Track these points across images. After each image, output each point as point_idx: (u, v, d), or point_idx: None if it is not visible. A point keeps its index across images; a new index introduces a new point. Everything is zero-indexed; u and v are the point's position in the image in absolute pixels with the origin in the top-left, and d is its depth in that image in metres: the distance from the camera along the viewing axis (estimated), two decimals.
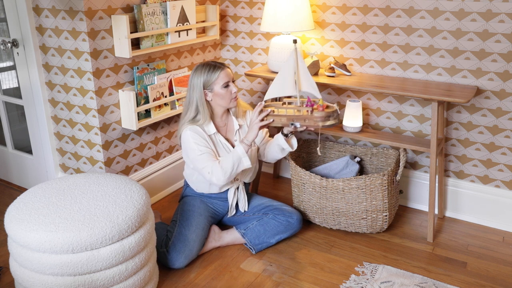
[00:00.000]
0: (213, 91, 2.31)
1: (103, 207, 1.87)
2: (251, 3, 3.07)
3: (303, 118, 2.23)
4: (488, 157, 2.63)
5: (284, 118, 2.24)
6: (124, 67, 2.57)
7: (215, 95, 2.32)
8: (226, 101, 2.34)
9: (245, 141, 2.27)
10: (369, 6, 2.68)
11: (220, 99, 2.33)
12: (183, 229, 2.31)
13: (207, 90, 2.32)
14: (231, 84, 2.33)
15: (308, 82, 2.25)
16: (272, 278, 2.23)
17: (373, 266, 2.31)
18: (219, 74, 2.29)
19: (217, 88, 2.30)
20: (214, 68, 2.30)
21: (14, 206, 1.90)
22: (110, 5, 2.41)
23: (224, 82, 2.30)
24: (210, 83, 2.30)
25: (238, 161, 2.25)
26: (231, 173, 2.26)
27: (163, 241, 2.30)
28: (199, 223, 2.36)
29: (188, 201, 2.47)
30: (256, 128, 2.25)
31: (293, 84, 2.25)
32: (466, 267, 2.33)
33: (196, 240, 2.30)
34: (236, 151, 2.26)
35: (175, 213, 2.46)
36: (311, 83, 2.24)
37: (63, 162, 2.79)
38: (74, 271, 1.74)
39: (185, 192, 2.56)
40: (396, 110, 2.79)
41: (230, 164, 2.24)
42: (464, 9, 2.45)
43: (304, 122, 2.23)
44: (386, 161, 2.78)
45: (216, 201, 2.51)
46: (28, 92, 2.70)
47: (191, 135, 2.29)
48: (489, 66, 2.48)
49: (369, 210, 2.47)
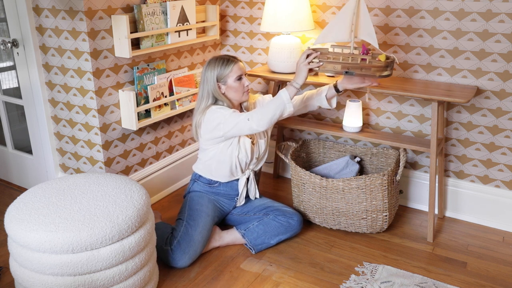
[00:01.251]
0: (227, 84, 2.34)
1: (103, 207, 1.87)
2: (251, 3, 3.07)
3: (360, 67, 2.08)
4: (488, 157, 2.63)
5: (338, 65, 2.10)
6: (124, 67, 2.57)
7: (228, 88, 2.34)
8: (239, 94, 2.36)
9: (293, 84, 2.24)
10: (369, 6, 2.68)
11: (233, 92, 2.35)
12: (189, 229, 2.30)
13: (220, 83, 2.34)
14: (243, 77, 2.36)
15: (366, 29, 2.10)
16: (272, 278, 2.23)
17: (373, 266, 2.31)
18: (232, 67, 2.32)
19: (231, 81, 2.33)
20: (228, 62, 2.33)
21: (14, 206, 1.90)
22: (110, 5, 2.42)
23: (238, 75, 2.33)
24: (224, 76, 2.32)
25: (282, 106, 2.22)
26: (272, 118, 2.22)
27: (167, 239, 2.29)
28: (206, 224, 2.35)
29: (195, 199, 2.45)
30: (304, 70, 2.20)
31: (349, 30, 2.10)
32: (466, 267, 2.33)
33: (201, 241, 2.30)
34: (280, 95, 2.22)
35: (181, 210, 2.44)
36: (370, 31, 2.10)
37: (63, 162, 2.79)
38: (74, 271, 1.74)
39: (192, 187, 2.54)
40: (396, 110, 2.79)
41: (272, 108, 2.22)
42: (464, 9, 2.45)
43: (361, 71, 2.10)
44: (386, 161, 2.78)
45: (223, 199, 2.51)
46: (28, 92, 2.70)
47: (216, 107, 2.30)
48: (489, 66, 2.48)
49: (369, 210, 2.47)
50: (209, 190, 2.50)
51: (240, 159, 2.40)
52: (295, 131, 3.21)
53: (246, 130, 2.26)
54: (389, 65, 2.13)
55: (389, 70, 2.13)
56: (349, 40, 2.16)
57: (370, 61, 2.15)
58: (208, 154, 2.42)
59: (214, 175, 2.47)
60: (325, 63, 2.16)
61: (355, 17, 2.09)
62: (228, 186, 2.49)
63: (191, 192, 2.54)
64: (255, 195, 2.56)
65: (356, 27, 2.11)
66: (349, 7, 2.11)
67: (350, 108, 2.67)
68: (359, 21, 2.11)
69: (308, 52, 2.21)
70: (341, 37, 2.14)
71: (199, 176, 2.52)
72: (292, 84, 2.25)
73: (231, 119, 2.26)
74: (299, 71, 2.24)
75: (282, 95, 2.23)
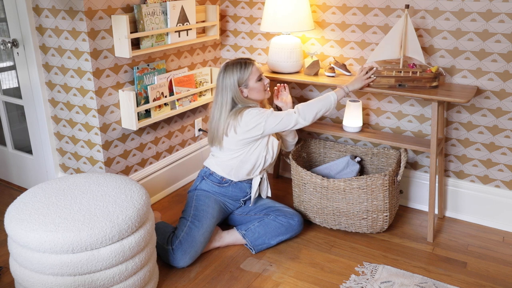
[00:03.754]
0: (248, 87, 2.36)
1: (103, 207, 1.86)
2: (251, 3, 3.07)
3: (412, 79, 2.40)
4: (488, 157, 2.63)
5: (392, 79, 2.41)
6: (124, 67, 2.57)
7: (251, 90, 2.36)
8: (262, 93, 2.41)
9: (344, 88, 2.41)
10: (369, 6, 2.68)
11: (255, 93, 2.38)
12: (193, 229, 2.29)
13: (242, 87, 2.35)
14: (263, 77, 2.42)
15: (414, 47, 2.39)
16: (272, 278, 2.23)
17: (373, 266, 2.31)
18: (251, 70, 2.36)
19: (252, 83, 2.35)
20: (246, 65, 2.35)
21: (14, 206, 1.90)
22: (110, 5, 2.41)
23: (258, 76, 2.37)
24: (245, 80, 2.34)
25: (328, 105, 2.37)
26: (317, 113, 2.35)
27: (169, 238, 2.29)
28: (210, 225, 2.34)
29: (202, 199, 2.43)
30: (361, 81, 2.42)
31: (399, 48, 2.41)
32: (466, 267, 2.33)
33: (203, 242, 2.30)
34: (329, 95, 2.37)
35: (186, 209, 2.43)
36: (417, 49, 2.39)
37: (63, 162, 2.79)
38: (74, 271, 1.74)
39: (200, 185, 2.50)
40: (396, 110, 2.79)
41: (320, 105, 2.35)
42: (464, 9, 2.45)
43: (412, 83, 2.41)
44: (387, 161, 2.78)
45: (229, 200, 2.51)
46: (28, 92, 2.70)
47: (253, 109, 2.33)
48: (489, 66, 2.48)
49: (369, 210, 2.47)
50: (216, 191, 2.48)
51: (266, 159, 2.45)
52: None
53: (292, 124, 2.34)
54: (437, 76, 2.41)
55: (437, 81, 2.42)
56: (399, 57, 2.44)
57: (421, 73, 2.41)
58: (233, 154, 2.41)
59: (231, 174, 2.45)
60: (379, 78, 2.44)
61: (403, 36, 2.39)
62: (237, 187, 2.49)
63: (198, 190, 2.50)
64: (267, 193, 2.59)
65: (404, 45, 2.40)
66: (398, 27, 2.41)
67: (350, 108, 2.67)
68: (407, 40, 2.40)
69: (367, 69, 2.45)
70: (392, 55, 2.43)
71: (209, 174, 2.49)
72: (343, 88, 2.41)
73: (273, 116, 2.32)
74: (356, 81, 2.43)
75: (330, 95, 2.38)
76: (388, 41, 2.43)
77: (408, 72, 2.41)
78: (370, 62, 2.55)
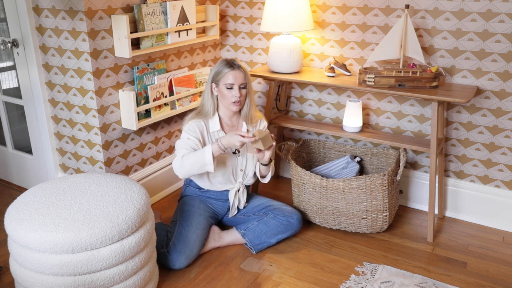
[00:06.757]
0: (218, 87, 2.34)
1: (103, 207, 1.86)
2: (251, 3, 3.07)
3: (412, 79, 2.40)
4: (488, 157, 2.63)
5: (392, 79, 2.40)
6: (124, 67, 2.57)
7: (219, 91, 2.34)
8: (227, 102, 2.33)
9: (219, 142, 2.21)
10: (369, 6, 2.68)
11: (222, 98, 2.35)
12: (183, 230, 2.31)
13: (214, 83, 2.34)
14: (235, 88, 2.29)
15: (414, 47, 2.39)
16: (272, 278, 2.23)
17: (373, 266, 2.31)
18: (226, 73, 2.29)
19: (221, 85, 2.32)
20: (226, 65, 2.31)
21: (14, 206, 1.90)
22: (110, 5, 2.41)
23: (228, 83, 2.29)
24: (218, 78, 2.32)
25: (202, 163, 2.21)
26: (189, 171, 2.24)
27: (163, 242, 2.30)
28: (199, 223, 2.35)
29: (187, 201, 2.47)
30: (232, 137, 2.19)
31: (399, 48, 2.41)
32: (466, 267, 2.33)
33: (197, 241, 2.30)
34: (204, 154, 2.20)
35: (174, 213, 2.46)
36: (417, 49, 2.38)
37: (63, 162, 2.79)
38: (74, 271, 1.74)
39: (185, 192, 2.56)
40: (396, 110, 2.79)
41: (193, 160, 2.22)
42: (464, 9, 2.45)
43: (412, 83, 2.41)
44: (386, 161, 2.78)
45: (216, 201, 2.50)
46: (28, 92, 2.70)
47: (189, 125, 2.34)
48: (489, 66, 2.48)
49: (369, 210, 2.47)
50: (201, 194, 2.50)
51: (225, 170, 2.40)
52: (295, 131, 3.21)
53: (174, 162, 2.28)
54: (437, 76, 2.41)
55: (436, 81, 2.42)
56: (399, 57, 2.44)
57: (421, 73, 2.41)
58: None
59: (201, 183, 2.46)
60: (379, 78, 2.42)
61: (403, 36, 2.39)
62: (218, 193, 2.49)
63: (184, 196, 2.56)
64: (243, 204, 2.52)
65: (404, 45, 2.40)
66: (398, 27, 2.41)
67: (350, 108, 2.67)
68: (407, 40, 2.41)
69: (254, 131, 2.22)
70: (392, 55, 2.43)
71: (190, 181, 2.52)
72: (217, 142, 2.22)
73: (177, 145, 2.33)
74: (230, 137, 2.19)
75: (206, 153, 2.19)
76: (388, 41, 2.44)
77: (408, 72, 2.41)
78: (370, 62, 2.53)
